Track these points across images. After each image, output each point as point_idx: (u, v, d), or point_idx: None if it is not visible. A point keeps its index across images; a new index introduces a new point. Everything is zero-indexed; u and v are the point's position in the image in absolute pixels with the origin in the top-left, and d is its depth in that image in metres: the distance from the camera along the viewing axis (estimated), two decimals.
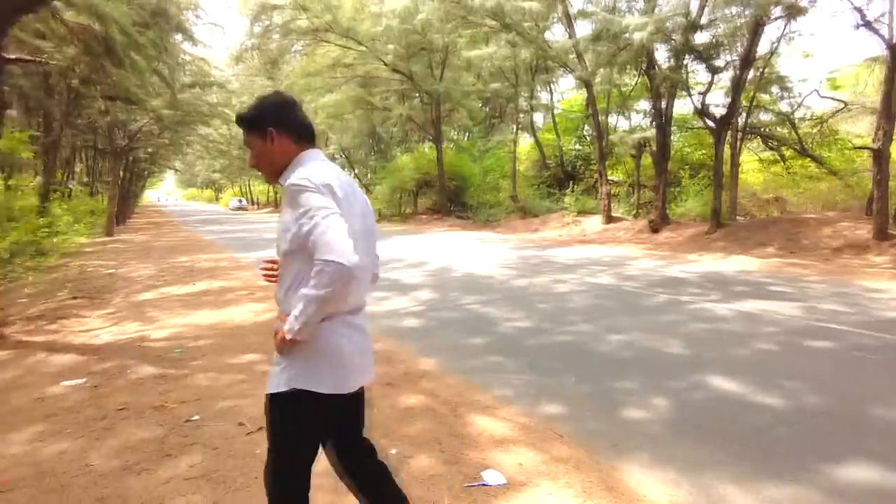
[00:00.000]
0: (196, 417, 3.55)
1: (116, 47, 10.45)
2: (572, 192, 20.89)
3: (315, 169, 1.66)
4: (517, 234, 18.98)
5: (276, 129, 1.74)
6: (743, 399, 3.74)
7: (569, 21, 17.96)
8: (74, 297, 7.91)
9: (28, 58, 7.04)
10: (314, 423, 1.72)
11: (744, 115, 15.88)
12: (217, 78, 28.25)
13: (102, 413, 3.66)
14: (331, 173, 1.67)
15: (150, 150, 33.10)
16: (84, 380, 4.41)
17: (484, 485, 2.61)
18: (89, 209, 24.62)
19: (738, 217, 15.59)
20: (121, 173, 30.00)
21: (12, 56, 5.66)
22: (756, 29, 13.36)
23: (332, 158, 37.59)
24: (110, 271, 10.90)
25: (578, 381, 4.13)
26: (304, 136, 1.78)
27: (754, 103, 15.92)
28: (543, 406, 3.66)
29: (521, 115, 25.37)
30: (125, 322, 6.43)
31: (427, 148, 29.27)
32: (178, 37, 20.16)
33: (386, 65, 23.57)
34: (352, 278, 1.49)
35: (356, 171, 36.33)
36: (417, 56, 23.45)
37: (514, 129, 24.92)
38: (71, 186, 27.27)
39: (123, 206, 32.30)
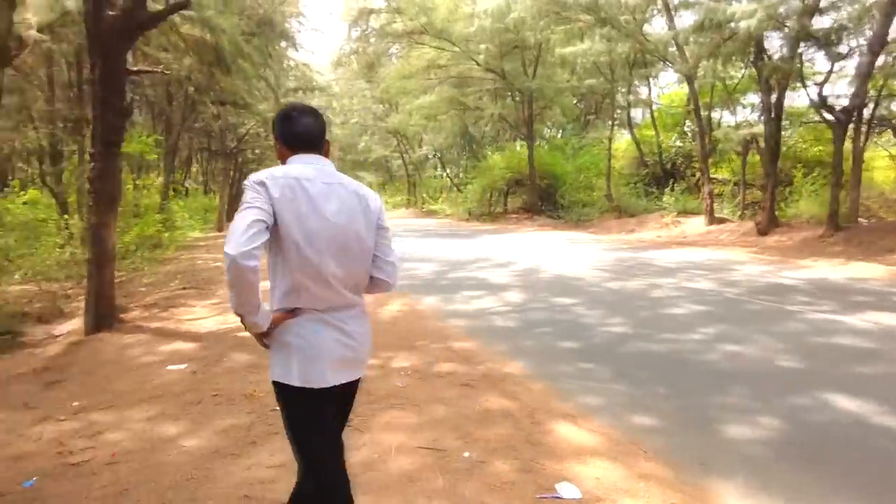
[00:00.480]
0: None
1: (226, 56, 11.18)
2: (672, 191, 19.87)
3: (271, 169, 1.79)
4: (611, 234, 18.33)
5: (276, 138, 1.93)
6: (862, 422, 3.35)
7: (669, 12, 17.08)
8: (184, 288, 8.56)
9: (148, 69, 7.72)
10: (298, 414, 1.81)
11: (872, 105, 14.32)
12: (318, 83, 29.61)
13: (199, 398, 3.90)
14: (279, 171, 1.76)
15: (257, 151, 35.27)
16: (186, 365, 4.73)
17: (558, 497, 2.50)
18: (203, 206, 26.70)
19: (860, 219, 14.11)
20: (231, 173, 32.27)
21: (135, 68, 6.21)
22: (890, 9, 11.99)
23: (426, 159, 38.30)
24: (218, 264, 11.68)
25: (672, 394, 3.88)
26: (293, 142, 1.89)
27: (884, 92, 14.31)
28: (631, 418, 3.47)
29: (618, 112, 24.50)
30: (227, 312, 6.85)
31: (519, 146, 29.02)
32: (283, 44, 21.37)
33: (479, 64, 23.63)
34: (236, 267, 1.55)
35: (448, 171, 36.72)
36: (510, 54, 23.31)
37: (611, 126, 24.11)
38: (188, 185, 29.70)
39: (233, 203, 34.67)
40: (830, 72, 14.01)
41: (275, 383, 1.79)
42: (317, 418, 1.82)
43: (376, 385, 3.99)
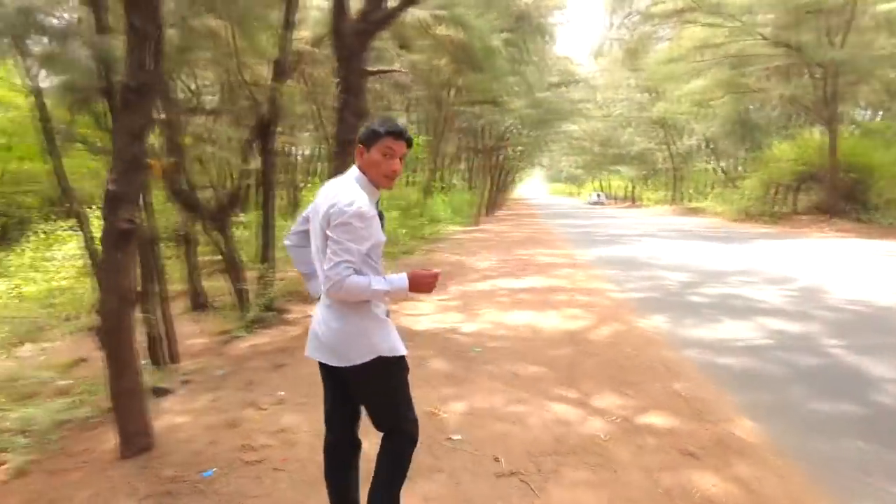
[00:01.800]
0: (457, 437, 3.24)
1: (476, 54, 11.31)
2: None
3: None
4: None
5: None
6: None
7: None
8: None
9: (386, 69, 8.11)
10: None
11: None
12: (579, 75, 28.90)
13: None
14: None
15: (519, 148, 36.21)
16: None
17: None
18: (466, 202, 28.37)
19: None
20: (491, 170, 33.72)
21: (373, 69, 6.48)
22: None
23: (694, 151, 34.55)
24: (458, 258, 11.98)
25: None
26: None
27: None
28: None
29: None
30: (447, 311, 6.76)
31: (816, 133, 24.05)
32: (545, 38, 21.19)
33: (764, 38, 20.07)
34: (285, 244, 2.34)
35: (721, 163, 32.54)
36: (804, 22, 19.20)
37: None
38: (454, 182, 31.90)
39: (492, 200, 36.23)
40: None
41: None
42: (324, 383, 2.28)
43: (568, 429, 3.27)
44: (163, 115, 7.57)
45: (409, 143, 2.05)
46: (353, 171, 2.04)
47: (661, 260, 11.09)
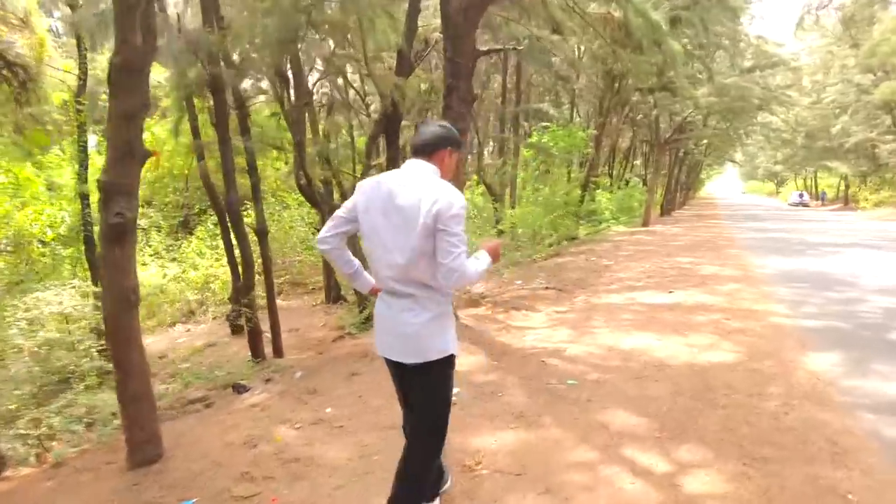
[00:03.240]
0: None
1: (635, 32, 9.98)
2: None
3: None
4: None
5: None
6: None
7: None
8: (546, 287, 7.95)
9: (497, 48, 7.32)
10: None
11: None
12: (779, 57, 24.98)
13: None
14: (372, 180, 2.05)
15: (704, 141, 32.56)
16: (458, 390, 3.91)
17: None
18: (634, 200, 26.21)
19: None
20: (668, 165, 30.75)
21: (484, 48, 5.79)
22: None
23: None
24: (606, 262, 10.75)
25: None
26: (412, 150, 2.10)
27: None
28: None
29: None
30: (560, 326, 5.85)
31: None
32: (731, 16, 18.53)
33: None
34: (320, 249, 2.16)
35: None
36: None
37: None
38: (626, 178, 29.64)
39: (670, 198, 33.00)
40: None
41: None
42: (393, 379, 2.24)
43: None
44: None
45: None
46: (432, 169, 2.00)
47: (863, 277, 8.74)
